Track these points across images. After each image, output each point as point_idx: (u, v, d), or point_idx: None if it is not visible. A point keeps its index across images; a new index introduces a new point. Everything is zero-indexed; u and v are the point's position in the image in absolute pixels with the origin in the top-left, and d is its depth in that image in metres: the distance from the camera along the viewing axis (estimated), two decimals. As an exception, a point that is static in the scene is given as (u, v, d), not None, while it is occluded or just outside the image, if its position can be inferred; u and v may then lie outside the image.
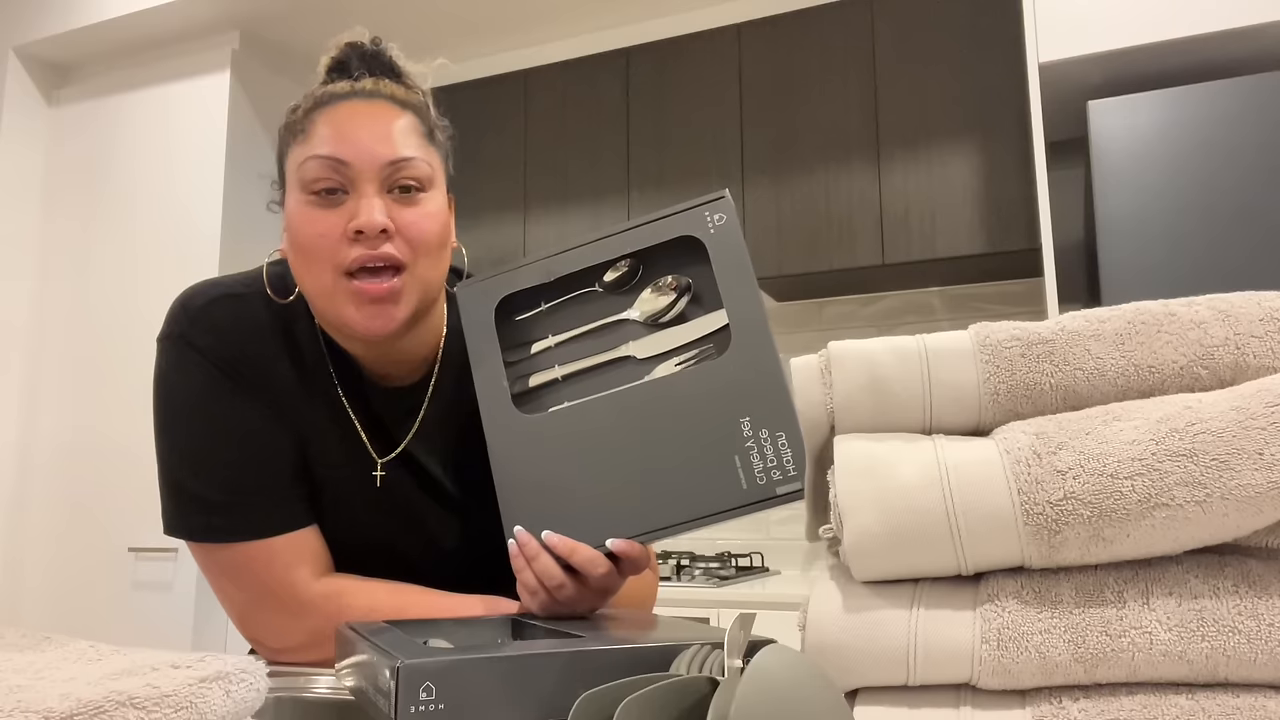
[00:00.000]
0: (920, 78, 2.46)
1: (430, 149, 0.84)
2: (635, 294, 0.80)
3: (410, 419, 0.90)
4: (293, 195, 0.82)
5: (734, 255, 0.75)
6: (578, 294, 0.81)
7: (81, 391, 2.86)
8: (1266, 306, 0.45)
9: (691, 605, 2.17)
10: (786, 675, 0.35)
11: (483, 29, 3.01)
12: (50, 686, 0.39)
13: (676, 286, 0.78)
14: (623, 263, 0.80)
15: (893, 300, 2.73)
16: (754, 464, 0.70)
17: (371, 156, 0.79)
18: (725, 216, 0.76)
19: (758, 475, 0.70)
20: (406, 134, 0.82)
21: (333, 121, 0.80)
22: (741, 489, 0.70)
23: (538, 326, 0.82)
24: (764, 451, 0.70)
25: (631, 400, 0.75)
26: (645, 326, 0.79)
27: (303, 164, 0.80)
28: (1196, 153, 1.84)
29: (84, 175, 3.01)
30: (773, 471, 0.69)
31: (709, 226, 0.77)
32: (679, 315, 0.78)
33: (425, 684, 0.48)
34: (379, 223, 0.78)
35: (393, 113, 0.82)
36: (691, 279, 0.78)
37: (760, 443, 0.70)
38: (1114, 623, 0.41)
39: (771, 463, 0.69)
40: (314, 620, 0.81)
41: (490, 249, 2.89)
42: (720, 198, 0.77)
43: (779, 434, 0.70)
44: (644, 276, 0.80)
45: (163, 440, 0.84)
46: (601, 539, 0.73)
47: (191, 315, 0.84)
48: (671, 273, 0.79)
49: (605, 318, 0.80)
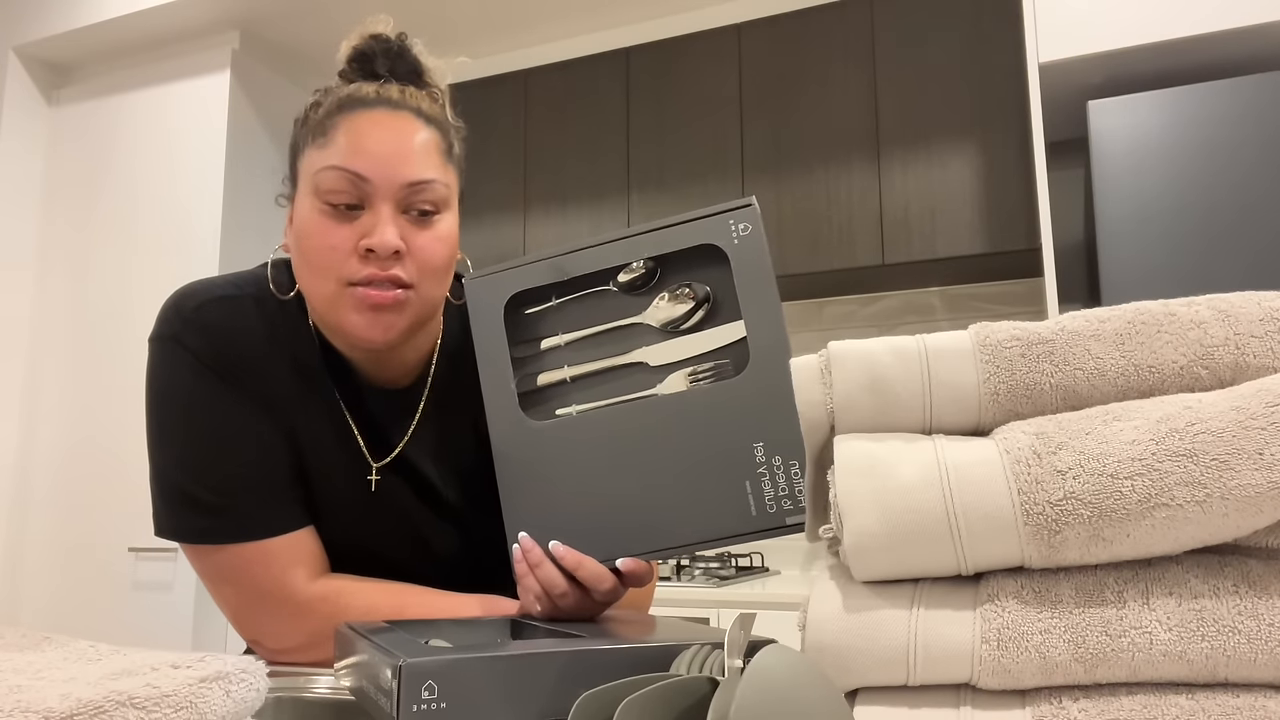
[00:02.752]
0: (920, 78, 2.46)
1: (448, 168, 0.83)
2: (651, 296, 0.77)
3: (406, 421, 0.90)
4: (305, 199, 0.81)
5: (757, 269, 0.72)
6: (591, 292, 0.79)
7: (81, 391, 2.86)
8: (1266, 306, 0.45)
9: (691, 605, 2.17)
10: (786, 675, 0.35)
11: (483, 29, 3.01)
12: (50, 686, 0.39)
13: (694, 296, 0.76)
14: (639, 264, 0.77)
15: (893, 300, 2.73)
16: (764, 491, 0.68)
17: (391, 175, 0.78)
18: (750, 226, 0.73)
19: (768, 503, 0.68)
20: (428, 153, 0.81)
21: (355, 131, 0.79)
22: (750, 515, 0.68)
23: (547, 322, 0.80)
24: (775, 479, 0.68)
25: (643, 413, 0.73)
26: (659, 332, 0.76)
27: (320, 171, 0.79)
28: (1196, 153, 1.84)
29: (84, 175, 3.01)
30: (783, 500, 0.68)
31: (733, 236, 0.73)
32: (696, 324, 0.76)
33: (427, 683, 0.48)
34: (393, 245, 0.77)
35: (416, 127, 0.81)
36: (710, 287, 0.75)
37: (773, 470, 0.68)
38: (1114, 623, 0.41)
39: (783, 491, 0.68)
40: (312, 621, 0.81)
41: (490, 249, 2.89)
42: (747, 205, 0.74)
43: (792, 463, 0.68)
44: (661, 278, 0.77)
45: (154, 441, 0.83)
46: (605, 552, 0.72)
47: (184, 317, 0.83)
48: (690, 276, 0.76)
49: (618, 319, 0.77)
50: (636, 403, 0.73)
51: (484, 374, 0.79)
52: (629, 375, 0.76)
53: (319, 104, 0.83)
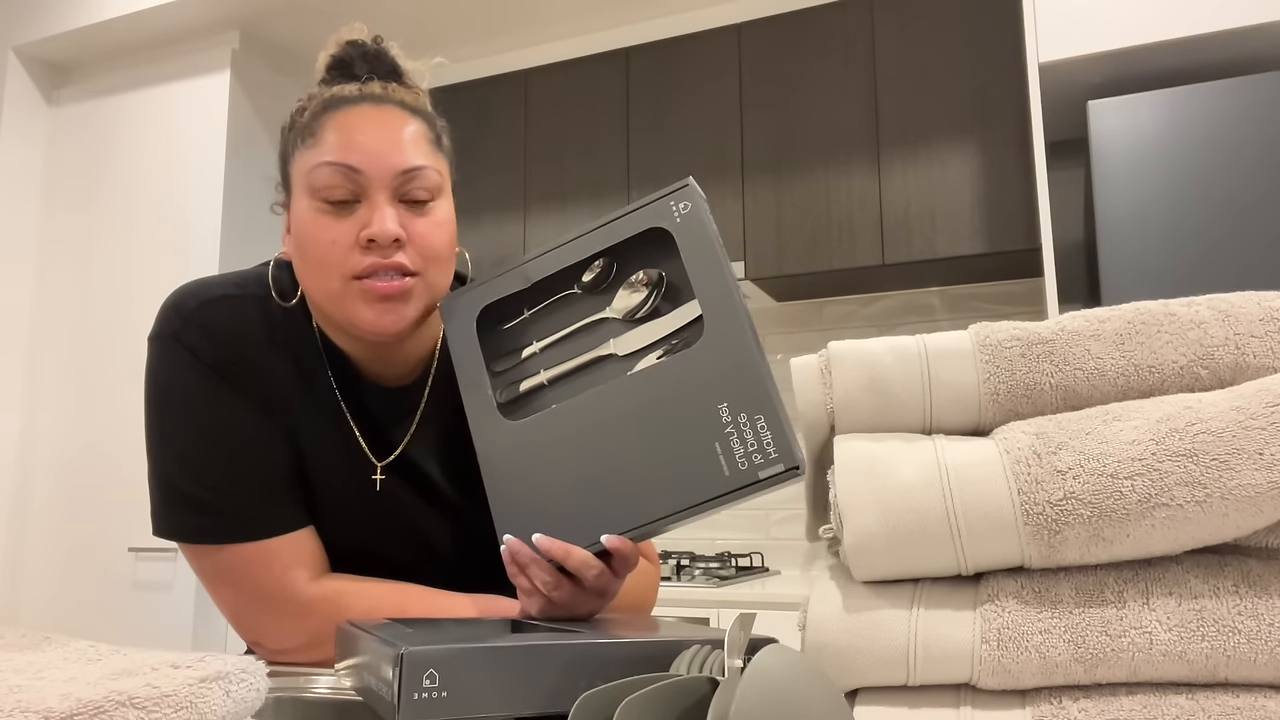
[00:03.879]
0: (920, 78, 2.46)
1: (438, 156, 0.84)
2: (612, 292, 0.80)
3: (408, 420, 0.90)
4: (301, 200, 0.81)
5: (701, 242, 0.74)
6: (558, 298, 0.81)
7: (81, 391, 2.86)
8: (1266, 306, 0.45)
9: (691, 605, 2.17)
10: (787, 675, 0.35)
11: (483, 29, 3.01)
12: (50, 686, 0.39)
13: (648, 281, 0.78)
14: (598, 263, 0.80)
15: (893, 300, 2.73)
16: (735, 449, 0.69)
17: (384, 165, 0.79)
18: (690, 204, 0.76)
19: (739, 461, 0.69)
20: (417, 142, 0.82)
21: (343, 127, 0.80)
22: (724, 476, 0.69)
23: (524, 334, 0.83)
24: (744, 436, 0.69)
25: (610, 397, 0.74)
26: (624, 324, 0.79)
27: (313, 170, 0.80)
28: (1196, 153, 1.84)
29: (84, 175, 3.01)
30: (754, 455, 0.68)
31: (675, 216, 0.76)
32: (655, 309, 0.78)
33: (429, 671, 0.48)
34: (393, 232, 0.78)
35: (402, 119, 0.82)
36: (664, 271, 0.78)
37: (740, 428, 0.69)
38: (1114, 623, 0.41)
39: (752, 447, 0.68)
40: (313, 622, 0.81)
41: (490, 248, 2.89)
42: (684, 186, 0.76)
43: (758, 417, 0.69)
44: (619, 273, 0.80)
45: (154, 440, 0.83)
46: (592, 538, 0.73)
47: (184, 316, 0.83)
48: (647, 267, 0.79)
49: (585, 319, 0.80)
50: (604, 388, 0.75)
51: (464, 388, 0.81)
52: (602, 369, 0.79)
53: (304, 109, 0.84)
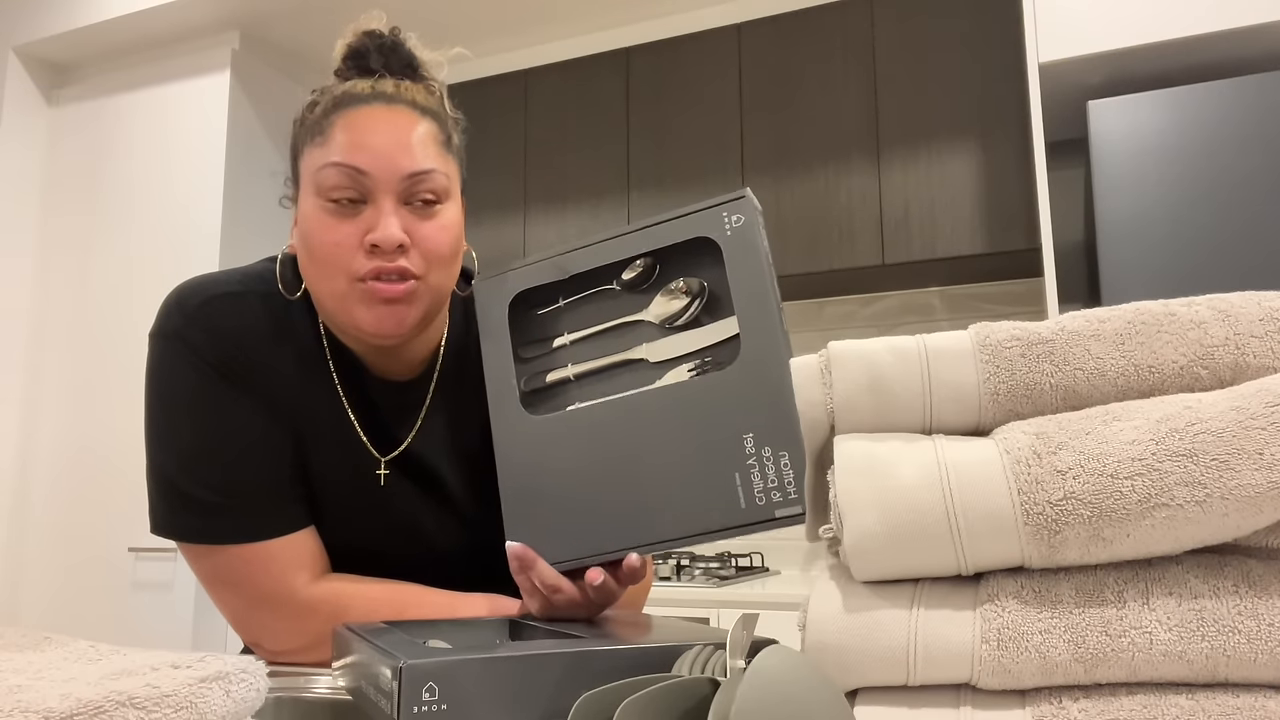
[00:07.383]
0: (920, 78, 2.46)
1: (448, 158, 0.84)
2: (652, 294, 0.78)
3: (413, 414, 0.90)
4: (308, 198, 0.81)
5: (750, 260, 0.71)
6: (596, 291, 0.80)
7: (82, 391, 2.86)
8: (1266, 306, 0.45)
9: (691, 605, 2.17)
10: (787, 676, 0.35)
11: (483, 29, 3.01)
12: (50, 686, 0.39)
13: (689, 290, 0.76)
14: (639, 262, 0.77)
15: (893, 300, 2.73)
16: (754, 483, 0.67)
17: (392, 168, 0.79)
18: (743, 218, 0.72)
19: (757, 495, 0.67)
20: (426, 144, 0.81)
21: (353, 127, 0.80)
22: (740, 508, 0.68)
23: (556, 322, 0.81)
24: (765, 471, 0.67)
25: (637, 407, 0.73)
26: (659, 329, 0.77)
27: (321, 169, 0.79)
28: (1197, 153, 1.84)
29: (84, 175, 3.01)
30: (773, 492, 0.67)
31: (725, 228, 0.73)
32: (693, 319, 0.76)
33: (428, 684, 0.48)
34: (396, 238, 0.78)
35: (413, 120, 0.82)
36: (707, 281, 0.75)
37: (762, 461, 0.67)
38: (1114, 623, 0.41)
39: (772, 483, 0.67)
40: (314, 623, 0.81)
41: (490, 249, 2.89)
42: (740, 197, 0.73)
43: (782, 453, 0.67)
44: (661, 275, 0.78)
45: (154, 438, 0.82)
46: (598, 548, 0.72)
47: (187, 313, 0.83)
48: (690, 273, 0.76)
49: (621, 317, 0.78)
50: (630, 396, 0.74)
51: (489, 374, 0.80)
52: (631, 372, 0.77)
53: (316, 103, 0.84)
